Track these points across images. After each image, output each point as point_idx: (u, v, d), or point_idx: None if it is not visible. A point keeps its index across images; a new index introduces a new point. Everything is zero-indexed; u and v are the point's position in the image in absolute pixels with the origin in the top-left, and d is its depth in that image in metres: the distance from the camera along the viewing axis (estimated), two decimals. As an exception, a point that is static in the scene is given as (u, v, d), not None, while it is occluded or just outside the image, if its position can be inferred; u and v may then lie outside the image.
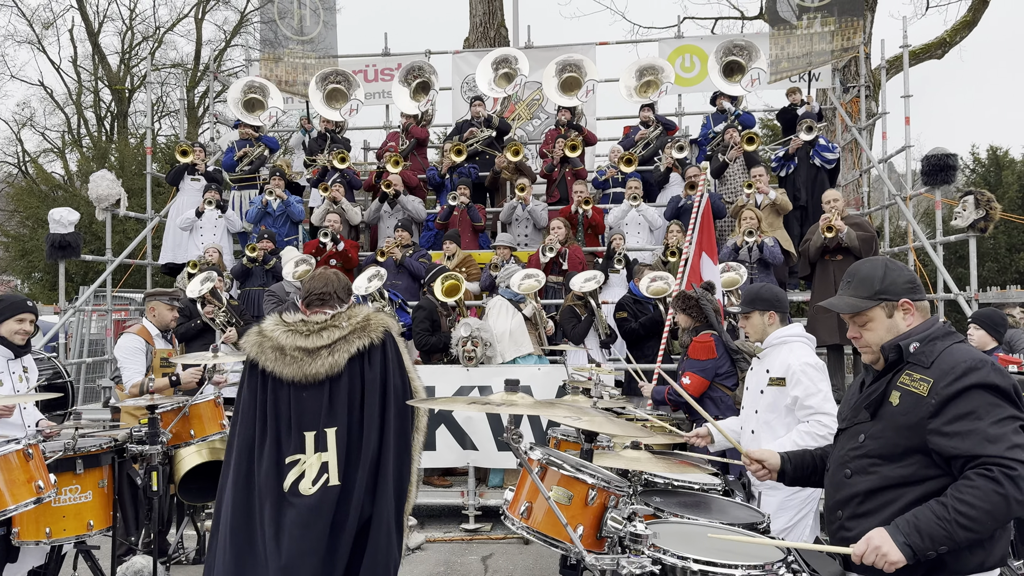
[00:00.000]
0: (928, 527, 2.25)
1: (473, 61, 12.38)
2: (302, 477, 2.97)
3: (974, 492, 2.22)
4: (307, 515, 2.92)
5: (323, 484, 2.96)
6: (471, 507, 6.89)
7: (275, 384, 3.04)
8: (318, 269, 3.33)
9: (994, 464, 2.22)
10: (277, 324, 3.10)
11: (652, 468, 3.26)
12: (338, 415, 3.01)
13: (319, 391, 3.01)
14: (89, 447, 4.35)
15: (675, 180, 9.98)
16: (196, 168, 10.27)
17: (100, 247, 12.28)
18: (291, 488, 2.96)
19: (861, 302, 2.58)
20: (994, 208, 8.04)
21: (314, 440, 2.99)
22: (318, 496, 2.95)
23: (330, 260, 8.97)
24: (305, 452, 2.98)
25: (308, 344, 3.01)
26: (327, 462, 2.97)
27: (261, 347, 3.06)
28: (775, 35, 11.42)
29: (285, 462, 2.98)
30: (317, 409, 3.01)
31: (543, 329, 7.66)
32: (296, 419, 3.01)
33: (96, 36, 27.55)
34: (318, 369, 2.99)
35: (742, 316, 4.30)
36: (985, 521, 2.21)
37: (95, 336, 11.78)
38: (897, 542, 2.26)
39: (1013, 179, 20.65)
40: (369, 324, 3.10)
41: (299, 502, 2.94)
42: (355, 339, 3.04)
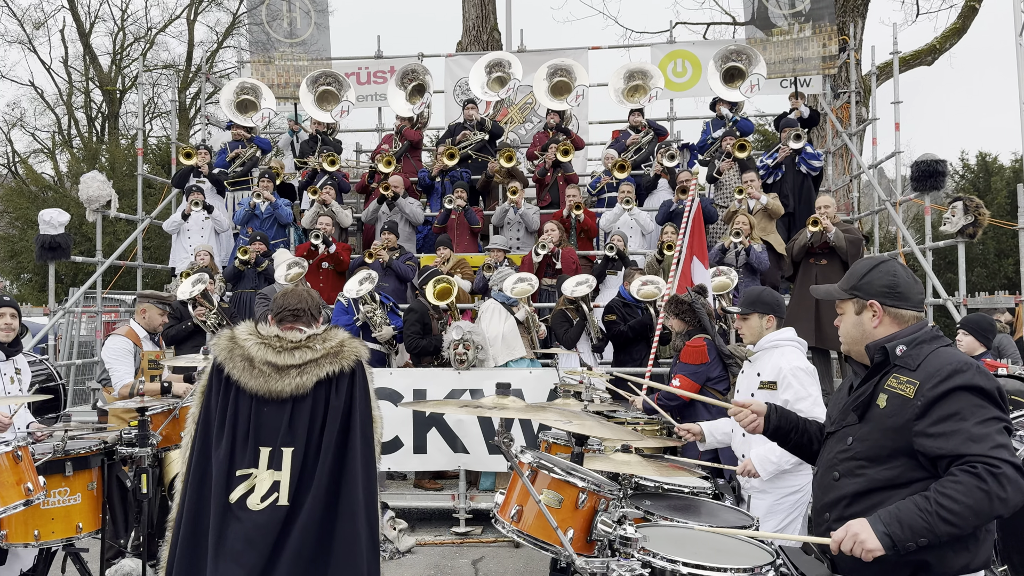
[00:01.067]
0: (909, 518, 2.26)
1: (466, 64, 12.39)
2: (251, 492, 2.92)
3: (957, 487, 2.24)
4: (252, 531, 2.88)
5: (272, 502, 2.91)
6: (462, 510, 6.89)
7: (237, 393, 3.00)
8: (289, 286, 3.31)
9: (978, 462, 2.24)
10: (251, 334, 3.06)
11: (642, 471, 3.27)
12: (297, 436, 2.97)
13: (281, 408, 2.98)
14: (78, 449, 4.34)
15: (663, 186, 10.01)
16: (200, 170, 10.24)
17: (90, 248, 12.23)
18: (238, 501, 2.92)
19: (836, 292, 2.68)
20: (983, 214, 8.10)
21: (268, 456, 2.95)
22: (266, 514, 2.90)
23: (322, 263, 8.96)
24: (258, 467, 2.94)
25: (278, 360, 2.98)
26: (279, 481, 2.93)
27: (231, 353, 3.02)
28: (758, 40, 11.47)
29: (236, 474, 2.94)
30: (276, 426, 2.97)
31: (535, 333, 7.67)
32: (254, 433, 2.97)
33: (87, 36, 27.44)
34: (284, 387, 2.96)
35: (740, 317, 4.33)
36: (967, 516, 2.22)
37: (85, 338, 11.73)
38: (877, 531, 2.27)
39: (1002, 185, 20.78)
40: (342, 351, 3.06)
41: (245, 516, 2.90)
42: (326, 363, 3.01)
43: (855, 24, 13.19)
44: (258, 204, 9.67)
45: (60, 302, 10.44)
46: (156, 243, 18.25)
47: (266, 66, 12.18)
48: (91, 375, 10.66)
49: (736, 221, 8.41)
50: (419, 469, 7.19)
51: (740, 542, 2.80)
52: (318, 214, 9.34)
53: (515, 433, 6.76)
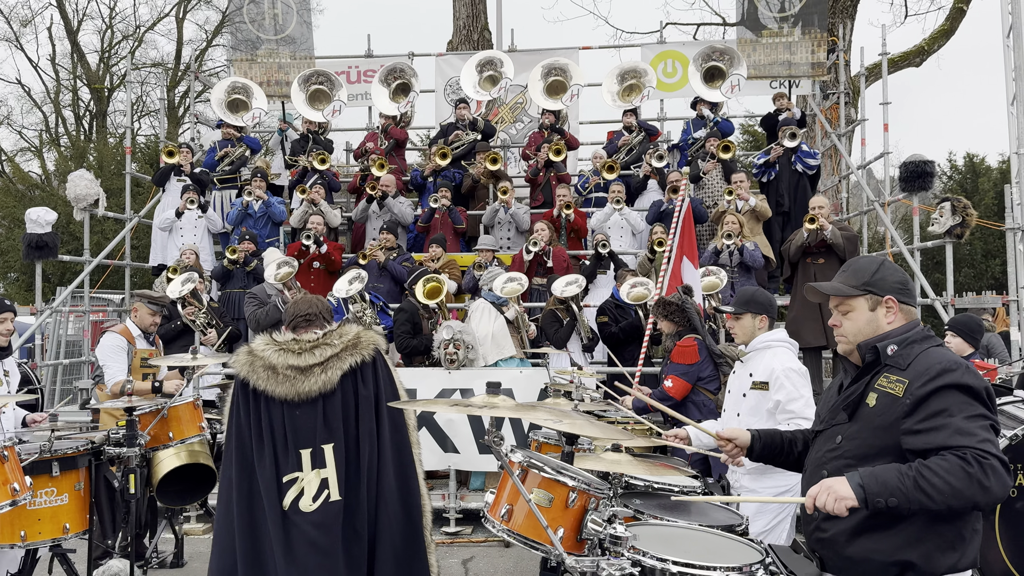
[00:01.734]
0: (885, 475, 2.27)
1: (456, 64, 12.37)
2: (301, 495, 2.99)
3: (943, 464, 2.24)
4: (312, 532, 2.95)
5: (324, 500, 2.99)
6: (452, 510, 6.88)
7: (268, 403, 3.04)
8: (300, 296, 3.37)
9: (968, 449, 2.25)
10: (268, 344, 3.10)
11: (632, 471, 3.27)
12: (334, 431, 3.03)
13: (312, 408, 3.02)
14: (65, 449, 4.31)
15: (652, 186, 10.03)
16: (182, 169, 10.20)
17: (78, 247, 12.15)
18: (291, 506, 2.98)
19: (848, 288, 2.62)
20: (970, 214, 8.15)
21: (310, 457, 3.00)
22: (320, 512, 2.97)
23: (313, 263, 8.93)
24: (302, 470, 3.00)
25: (300, 362, 3.02)
26: (326, 478, 3.00)
27: (252, 366, 3.06)
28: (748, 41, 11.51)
29: (283, 480, 3.00)
30: (312, 426, 3.02)
31: (525, 332, 7.67)
32: (291, 437, 3.02)
33: (75, 34, 27.28)
34: (311, 387, 3.00)
35: (732, 316, 4.33)
36: (945, 493, 2.21)
37: (72, 337, 11.66)
38: (851, 483, 2.29)
39: (989, 186, 20.93)
40: (360, 341, 3.13)
41: (301, 520, 2.96)
42: (347, 356, 3.07)
43: (844, 25, 13.24)
44: (251, 203, 9.64)
45: (47, 301, 10.37)
46: (144, 242, 18.04)
47: (250, 64, 12.11)
48: (79, 375, 10.59)
49: (726, 222, 8.44)
50: (409, 469, 7.19)
51: (730, 541, 2.81)
52: (307, 213, 9.31)
53: (506, 432, 6.76)
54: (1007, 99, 9.08)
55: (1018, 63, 8.79)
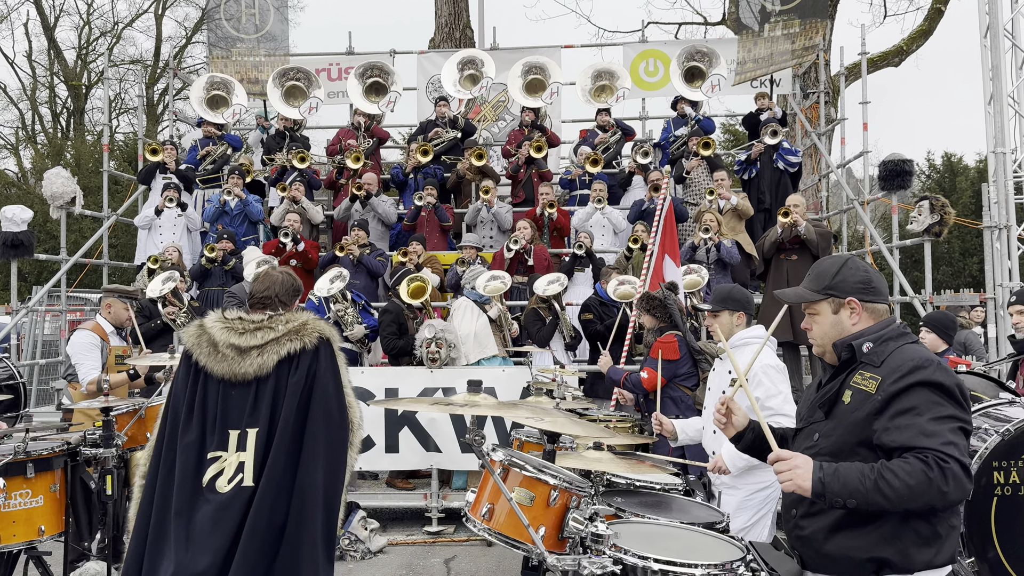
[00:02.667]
0: (848, 475, 2.30)
1: (438, 61, 12.34)
2: (220, 474, 2.94)
3: (903, 467, 2.27)
4: (217, 513, 2.88)
5: (237, 483, 2.93)
6: (434, 509, 6.85)
7: (206, 379, 3.02)
8: (265, 269, 3.29)
9: (930, 452, 2.27)
10: (217, 319, 3.08)
11: (614, 468, 3.27)
12: (261, 416, 2.98)
13: (246, 390, 2.99)
14: (40, 450, 4.24)
15: (637, 183, 10.05)
16: (167, 167, 10.10)
17: (55, 246, 12.01)
18: (208, 484, 2.94)
19: (809, 294, 2.65)
20: (948, 213, 8.23)
21: (237, 439, 2.97)
22: (231, 495, 2.91)
23: (290, 260, 8.88)
24: (227, 450, 2.96)
25: (241, 342, 2.99)
26: (244, 462, 2.95)
27: (198, 339, 3.04)
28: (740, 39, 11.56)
29: (207, 457, 2.96)
30: (243, 408, 2.99)
31: (508, 331, 7.66)
32: (222, 416, 2.99)
33: (52, 31, 26.93)
34: (247, 368, 2.97)
35: (711, 314, 4.35)
36: (903, 495, 2.25)
37: (48, 337, 11.52)
38: (814, 475, 2.32)
39: (966, 185, 21.16)
40: (304, 329, 3.05)
41: (213, 498, 2.91)
42: (286, 342, 3.01)
43: (824, 25, 13.33)
44: (228, 201, 9.55)
45: (23, 300, 10.22)
46: (123, 240, 17.97)
47: (226, 62, 12.00)
48: (55, 375, 10.47)
49: (703, 219, 8.48)
50: (391, 468, 7.15)
51: (711, 538, 2.81)
52: (287, 211, 9.25)
53: (488, 431, 6.74)
54: (984, 99, 9.18)
55: (995, 63, 8.90)
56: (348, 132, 10.78)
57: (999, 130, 8.76)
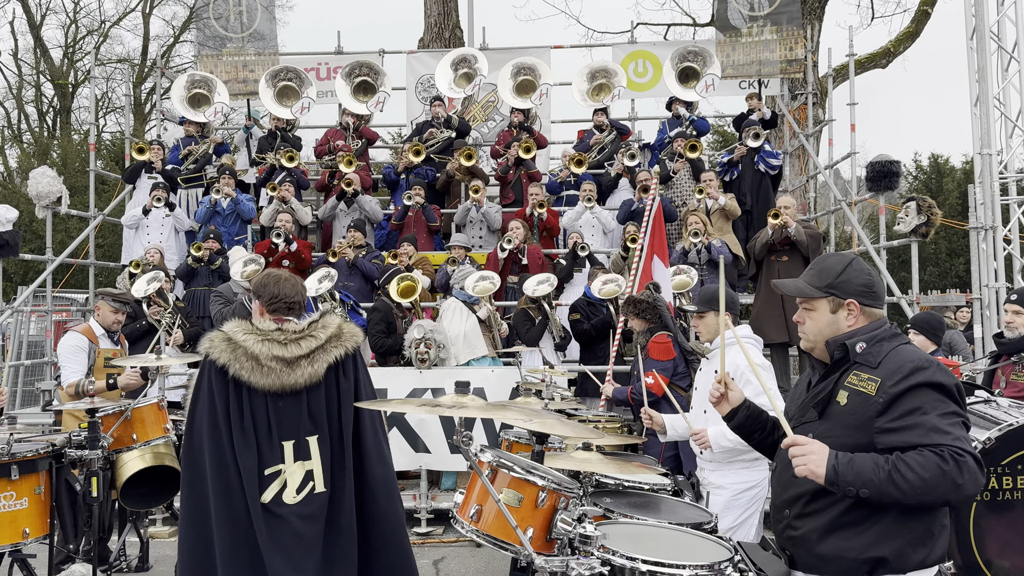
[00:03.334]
0: (862, 464, 2.29)
1: (428, 61, 12.32)
2: (285, 487, 2.95)
3: (918, 459, 2.26)
4: (298, 524, 2.91)
5: (309, 492, 2.96)
6: (423, 510, 6.84)
7: (250, 393, 2.97)
8: (272, 270, 3.26)
9: (944, 446, 2.27)
10: (249, 332, 3.01)
11: (603, 469, 3.27)
12: (319, 424, 3.01)
13: (297, 400, 2.99)
14: (25, 452, 4.21)
15: (624, 185, 10.07)
16: (153, 166, 10.03)
17: (40, 246, 11.91)
18: (273, 499, 2.93)
19: (811, 289, 2.62)
20: (935, 214, 8.28)
21: (293, 449, 2.97)
22: (305, 503, 2.95)
23: (282, 261, 8.84)
24: (284, 462, 2.96)
25: (286, 354, 2.97)
26: (311, 470, 2.97)
27: (234, 354, 2.96)
28: (722, 42, 11.60)
29: (265, 473, 2.95)
30: (296, 418, 2.99)
31: (497, 331, 7.65)
32: (275, 429, 2.97)
33: (38, 29, 26.73)
34: (297, 379, 2.96)
35: (696, 315, 4.36)
36: (917, 488, 2.24)
37: (34, 338, 11.43)
38: (828, 462, 2.31)
39: (953, 186, 21.29)
40: (343, 333, 3.12)
41: (286, 512, 2.92)
42: (332, 348, 3.05)
43: (812, 27, 13.40)
44: (219, 200, 9.51)
45: (8, 301, 10.15)
46: (109, 240, 17.85)
47: (215, 61, 11.94)
48: (41, 376, 10.38)
49: (690, 221, 8.50)
50: (380, 469, 7.13)
51: (699, 539, 2.81)
52: (277, 211, 9.21)
53: (477, 432, 6.73)
54: (970, 100, 9.23)
55: (981, 65, 8.95)
56: (336, 133, 10.73)
57: (985, 132, 8.81)
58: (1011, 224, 9.40)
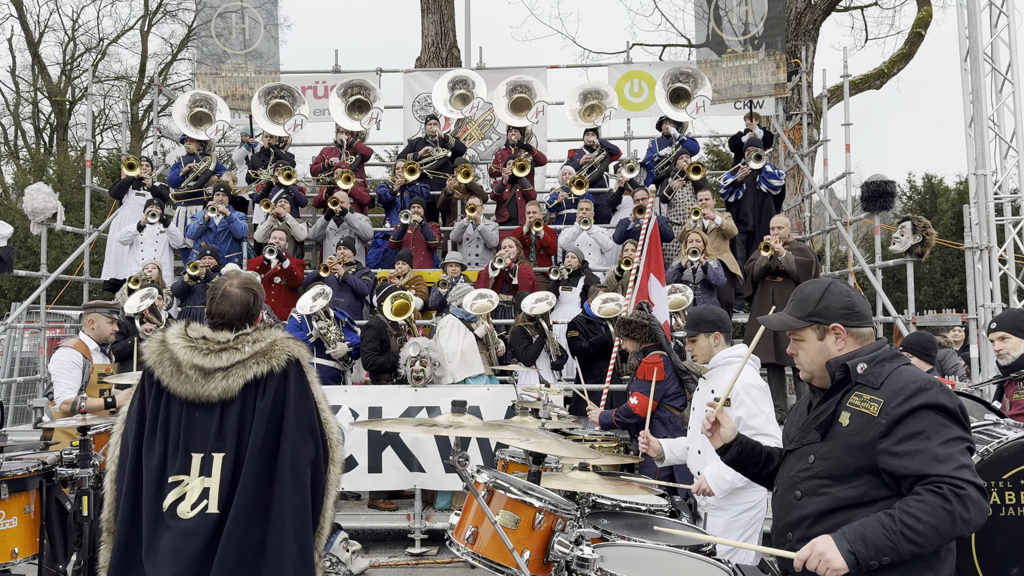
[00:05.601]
0: (874, 536, 2.27)
1: (424, 80, 12.39)
2: (182, 499, 2.83)
3: (922, 507, 2.25)
4: (180, 539, 2.78)
5: (201, 510, 2.81)
6: (417, 531, 6.78)
7: (168, 398, 2.90)
8: (221, 283, 3.12)
9: (943, 482, 2.26)
10: (179, 336, 2.94)
11: (600, 490, 3.24)
12: (227, 441, 2.86)
13: (211, 413, 2.87)
14: (15, 471, 4.16)
15: (627, 202, 10.08)
16: (143, 182, 10.02)
17: (35, 262, 11.87)
18: (169, 509, 2.82)
19: (793, 321, 2.63)
20: (930, 234, 8.30)
21: (200, 463, 2.85)
22: (195, 522, 2.80)
23: (274, 278, 8.82)
24: (190, 474, 2.85)
25: (205, 363, 2.86)
26: (208, 488, 2.83)
27: (161, 357, 2.91)
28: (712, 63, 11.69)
29: (168, 481, 2.85)
30: (207, 431, 2.87)
31: (494, 349, 7.62)
32: (185, 438, 2.87)
33: (36, 46, 26.80)
34: (211, 391, 2.84)
35: (688, 340, 4.34)
36: (930, 536, 2.24)
37: (27, 354, 11.36)
38: (842, 549, 2.27)
39: (947, 206, 21.38)
40: (272, 351, 2.93)
41: (175, 524, 2.81)
42: (253, 365, 2.88)
43: (806, 48, 13.51)
44: (212, 218, 9.49)
45: (1, 317, 10.08)
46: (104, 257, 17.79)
47: (214, 78, 11.98)
48: (34, 393, 10.31)
49: (689, 240, 8.50)
50: (374, 489, 7.06)
51: (697, 561, 2.78)
52: (272, 228, 9.20)
53: (473, 451, 6.69)
54: (965, 121, 9.28)
55: (975, 86, 9.01)
56: (331, 150, 10.76)
57: (980, 152, 8.86)
58: (1006, 244, 9.43)
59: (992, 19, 9.42)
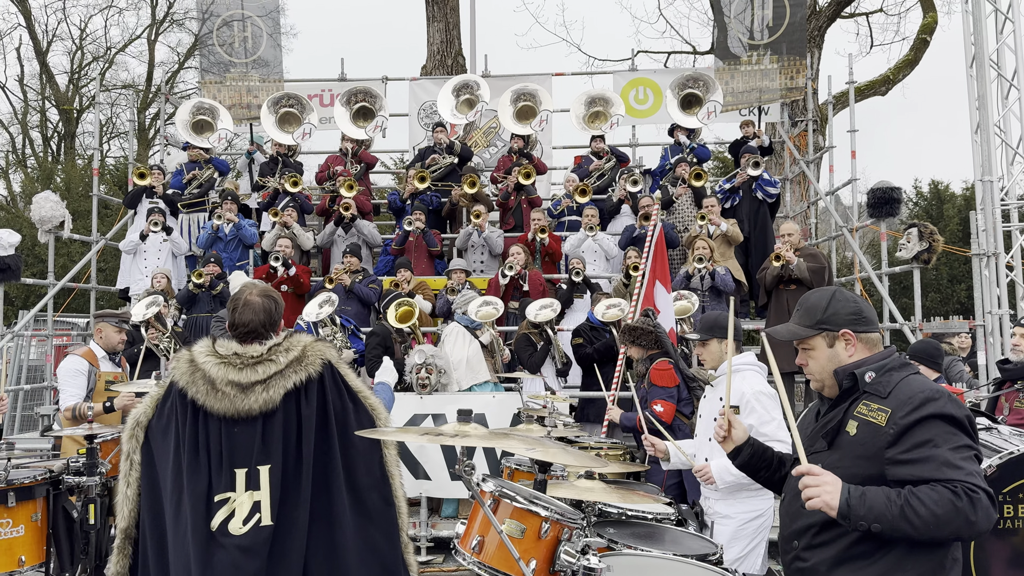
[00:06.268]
0: (874, 499, 2.26)
1: (430, 88, 12.42)
2: (232, 516, 2.81)
3: (931, 495, 2.24)
4: (238, 556, 2.77)
5: (255, 524, 2.81)
6: (423, 539, 6.76)
7: (205, 417, 2.87)
8: (241, 293, 3.12)
9: (958, 483, 2.25)
10: (209, 354, 2.93)
11: (606, 498, 3.24)
12: (272, 452, 2.86)
13: (252, 427, 2.86)
14: (22, 479, 4.17)
15: (625, 211, 10.09)
16: (154, 191, 10.07)
17: (43, 270, 11.92)
18: (220, 527, 2.81)
19: (802, 330, 2.63)
20: (937, 240, 8.27)
21: (245, 478, 2.84)
22: (250, 536, 2.80)
23: (281, 286, 8.83)
24: (235, 490, 2.84)
25: (241, 379, 2.86)
26: (259, 501, 2.82)
27: (193, 376, 2.89)
28: (722, 70, 11.70)
29: (215, 500, 2.83)
30: (250, 445, 2.86)
31: (499, 357, 7.62)
32: (227, 455, 2.86)
33: (44, 55, 26.96)
34: (252, 405, 2.84)
35: (699, 343, 4.33)
36: (929, 523, 2.22)
37: (34, 362, 11.40)
38: (841, 495, 2.28)
39: (954, 212, 21.33)
40: (306, 357, 2.94)
41: (228, 542, 2.79)
42: (291, 374, 2.89)
43: (812, 54, 13.52)
44: (221, 226, 9.52)
45: (9, 325, 10.12)
46: (111, 265, 17.86)
47: (219, 87, 12.04)
48: (40, 401, 10.33)
49: (697, 246, 8.49)
50: (379, 496, 7.05)
51: (704, 571, 2.77)
52: (278, 236, 9.22)
53: (478, 458, 6.67)
54: (971, 127, 9.27)
55: (981, 93, 8.99)
56: (336, 158, 10.79)
57: (986, 159, 8.83)
58: (1013, 251, 9.39)
59: (998, 25, 9.40)
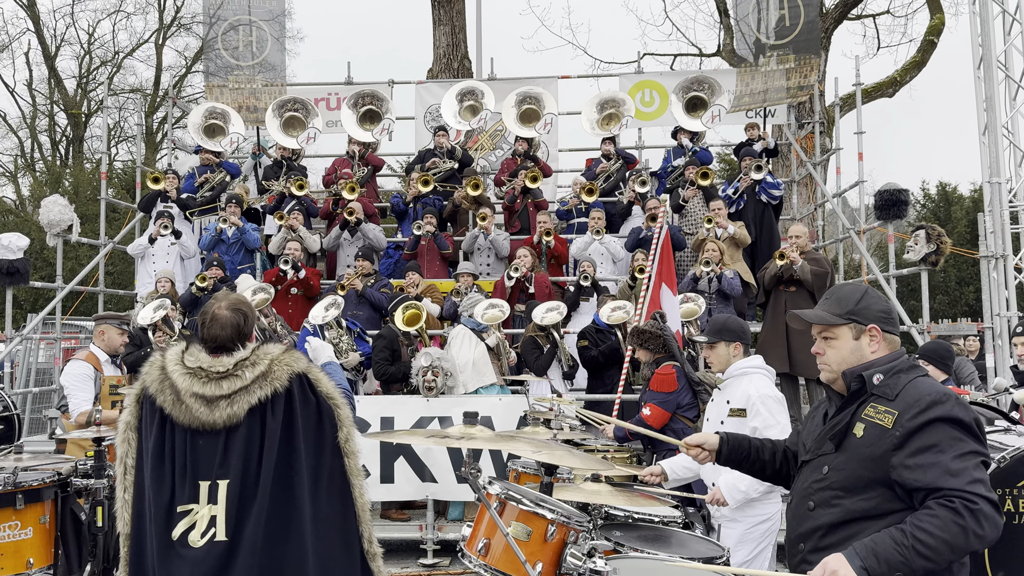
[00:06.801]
0: (886, 552, 2.24)
1: (436, 91, 12.43)
2: (192, 528, 2.81)
3: (934, 521, 2.23)
4: (191, 569, 2.77)
5: (210, 538, 2.79)
6: (430, 541, 6.77)
7: (172, 426, 2.87)
8: (209, 306, 3.04)
9: (956, 496, 2.23)
10: (178, 363, 2.91)
11: (612, 501, 3.23)
12: (232, 467, 2.83)
13: (215, 439, 2.84)
14: (31, 481, 4.18)
15: (637, 212, 10.08)
16: (168, 195, 10.11)
17: (51, 274, 11.97)
18: (180, 538, 2.80)
19: (832, 317, 2.60)
20: (944, 242, 8.24)
21: (207, 490, 2.82)
22: (204, 550, 2.79)
23: (291, 289, 8.85)
24: (199, 502, 2.82)
25: (206, 392, 2.83)
26: (216, 515, 2.81)
27: (162, 384, 2.88)
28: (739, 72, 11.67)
29: (177, 511, 2.83)
30: (212, 458, 2.84)
31: (506, 359, 7.62)
32: (191, 466, 2.84)
33: (53, 60, 27.11)
34: (215, 418, 2.82)
35: (707, 346, 4.32)
36: (942, 551, 2.21)
37: (43, 365, 11.45)
38: (854, 566, 2.24)
39: (961, 214, 21.23)
40: (272, 372, 2.88)
41: (186, 554, 2.79)
42: (256, 389, 2.85)
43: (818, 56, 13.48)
44: (224, 229, 9.54)
45: (18, 328, 10.17)
46: (119, 268, 17.95)
47: (223, 90, 12.07)
48: (49, 404, 10.38)
49: (706, 249, 8.47)
50: (385, 499, 7.05)
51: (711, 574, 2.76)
52: (286, 239, 9.24)
53: (484, 461, 6.67)
54: (979, 129, 9.24)
55: (989, 94, 8.97)
56: (344, 161, 10.81)
57: (994, 160, 8.81)
58: (1022, 252, 9.36)
59: (1005, 27, 9.38)
